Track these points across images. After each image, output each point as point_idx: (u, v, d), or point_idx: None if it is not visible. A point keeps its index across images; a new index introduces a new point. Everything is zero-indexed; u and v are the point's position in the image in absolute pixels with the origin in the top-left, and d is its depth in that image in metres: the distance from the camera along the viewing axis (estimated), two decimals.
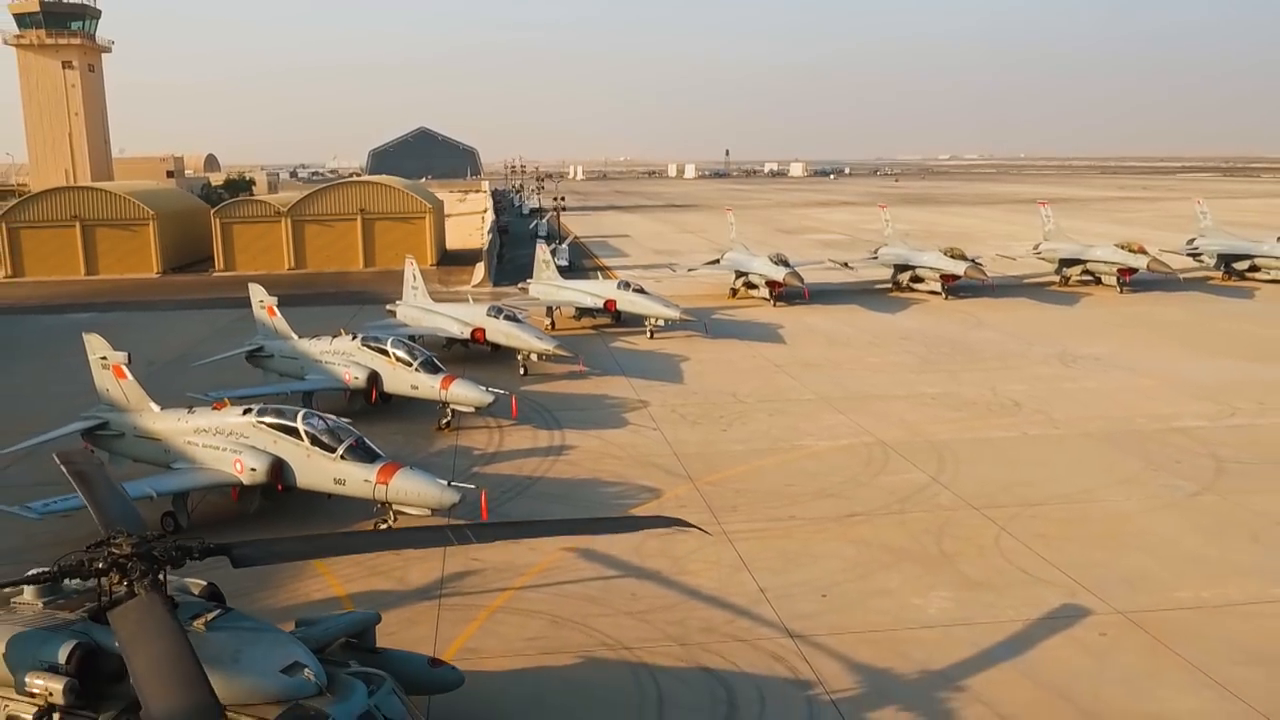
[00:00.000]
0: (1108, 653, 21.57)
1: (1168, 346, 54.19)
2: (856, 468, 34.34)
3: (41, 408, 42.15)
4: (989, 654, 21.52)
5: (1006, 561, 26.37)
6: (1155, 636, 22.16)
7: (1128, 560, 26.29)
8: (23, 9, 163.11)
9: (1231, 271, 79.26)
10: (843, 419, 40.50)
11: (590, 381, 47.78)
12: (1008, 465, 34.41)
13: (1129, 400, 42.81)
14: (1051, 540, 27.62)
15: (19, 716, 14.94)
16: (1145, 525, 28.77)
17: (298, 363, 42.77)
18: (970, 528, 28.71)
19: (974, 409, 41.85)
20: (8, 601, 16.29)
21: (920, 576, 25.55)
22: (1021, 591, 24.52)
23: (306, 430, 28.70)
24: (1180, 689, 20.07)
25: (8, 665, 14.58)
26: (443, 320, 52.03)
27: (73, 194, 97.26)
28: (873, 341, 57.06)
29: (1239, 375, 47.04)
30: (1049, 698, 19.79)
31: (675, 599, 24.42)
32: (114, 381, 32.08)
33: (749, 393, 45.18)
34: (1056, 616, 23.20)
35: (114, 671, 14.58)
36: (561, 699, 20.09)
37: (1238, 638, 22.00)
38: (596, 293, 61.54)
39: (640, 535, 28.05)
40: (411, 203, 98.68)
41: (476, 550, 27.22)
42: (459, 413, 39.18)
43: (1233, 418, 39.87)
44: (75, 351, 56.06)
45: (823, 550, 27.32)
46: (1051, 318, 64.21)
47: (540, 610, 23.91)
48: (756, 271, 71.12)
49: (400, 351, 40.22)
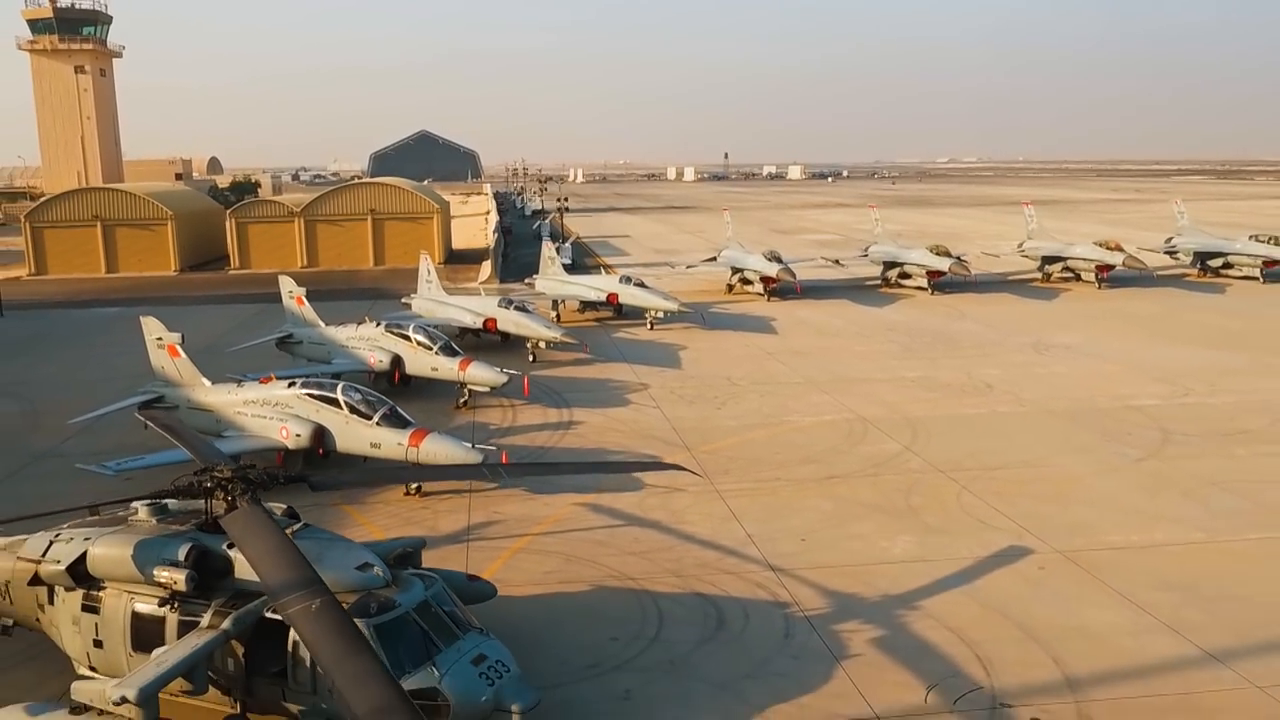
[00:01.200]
0: (1044, 581, 25.15)
1: (1136, 336, 57.75)
2: (837, 439, 37.91)
3: (84, 392, 45.50)
4: (942, 582, 25.08)
5: (964, 513, 29.96)
6: (1085, 569, 25.74)
7: (1071, 512, 29.86)
8: (36, 15, 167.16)
9: (1206, 268, 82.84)
10: (827, 399, 44.08)
11: (594, 367, 51.34)
12: (975, 437, 37.99)
13: (1093, 383, 46.38)
14: (1006, 497, 31.20)
15: (143, 608, 18.46)
16: (1091, 485, 32.36)
17: (325, 348, 46.30)
18: (935, 487, 32.29)
19: (949, 390, 45.42)
20: (125, 520, 19.81)
21: (888, 525, 29.12)
22: (975, 536, 28.09)
23: (345, 400, 32.27)
24: (1101, 608, 23.63)
25: (136, 563, 18.09)
26: (456, 311, 55.62)
27: (94, 195, 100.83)
28: (860, 332, 60.63)
29: (1198, 362, 50.57)
30: (990, 614, 23.35)
31: (673, 542, 27.98)
32: (168, 360, 35.64)
33: (742, 376, 48.75)
34: (1003, 555, 26.77)
35: (221, 568, 18.13)
36: (577, 618, 23.63)
37: (1156, 570, 25.57)
38: (600, 287, 65.12)
39: (643, 492, 31.69)
40: (420, 203, 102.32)
41: (497, 504, 30.81)
42: (475, 392, 42.73)
43: (1186, 397, 43.44)
44: (107, 342, 60.42)
45: (804, 505, 30.88)
46: (1030, 311, 67.80)
47: (555, 551, 27.48)
48: (751, 268, 74.69)
49: (421, 336, 43.79)
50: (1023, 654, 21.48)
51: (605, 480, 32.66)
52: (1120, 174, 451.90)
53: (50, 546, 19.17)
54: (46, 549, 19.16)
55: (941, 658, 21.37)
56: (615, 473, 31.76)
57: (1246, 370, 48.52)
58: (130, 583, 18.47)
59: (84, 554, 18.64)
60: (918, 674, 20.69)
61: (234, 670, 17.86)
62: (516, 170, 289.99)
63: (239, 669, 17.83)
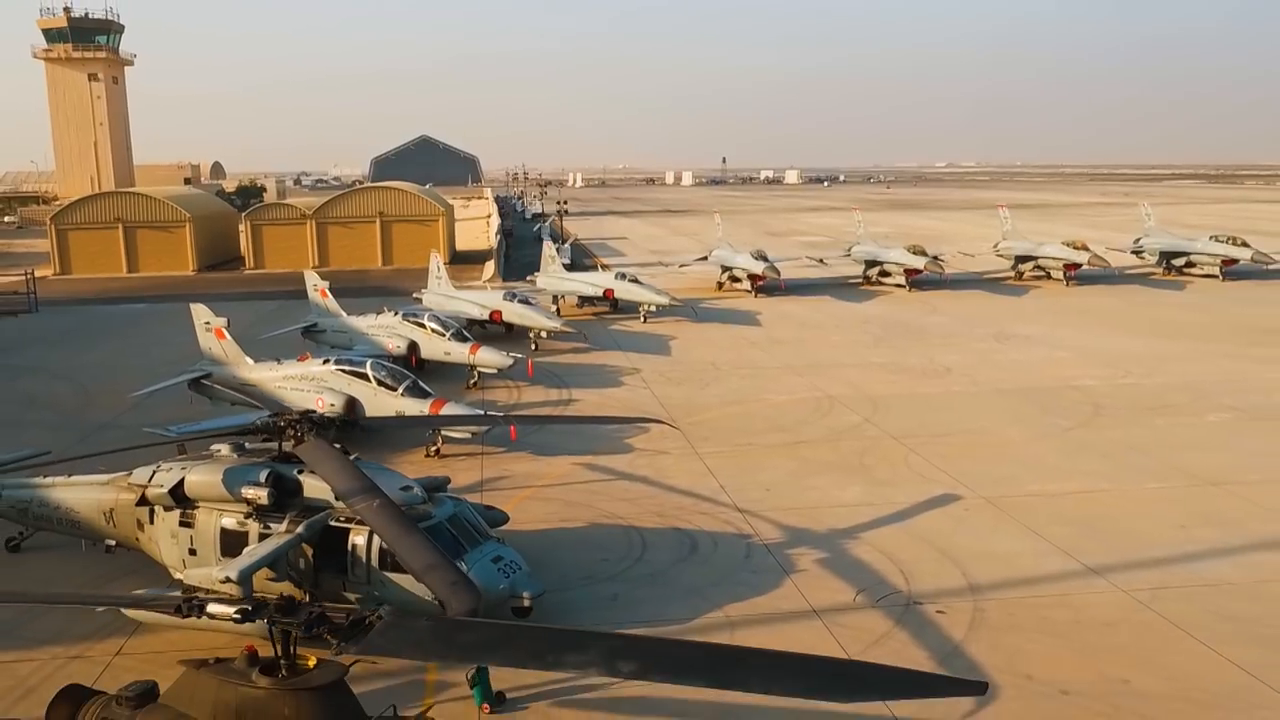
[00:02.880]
0: (966, 519, 29.98)
1: (1092, 328, 62.57)
2: (806, 413, 42.73)
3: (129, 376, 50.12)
4: (881, 520, 29.88)
5: (909, 469, 34.78)
6: (1003, 510, 30.56)
7: (1000, 468, 34.69)
8: (51, 24, 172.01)
9: (1171, 267, 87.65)
10: (801, 380, 48.90)
11: (592, 355, 56.15)
12: (928, 411, 42.82)
13: (1043, 367, 51.22)
14: (947, 457, 36.00)
15: (229, 522, 23.21)
16: (1022, 448, 37.20)
17: (347, 336, 51.06)
18: (886, 450, 37.12)
19: (911, 374, 50.25)
20: (210, 456, 24.60)
21: (842, 479, 33.95)
22: (915, 486, 32.91)
23: (374, 374, 37.07)
24: (1009, 538, 28.45)
25: (225, 485, 22.85)
26: (464, 305, 60.39)
27: (115, 198, 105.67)
28: (838, 325, 65.49)
29: (1144, 349, 55.38)
30: (917, 542, 28.15)
31: (657, 492, 32.80)
32: (215, 341, 40.45)
33: (726, 362, 53.59)
34: (936, 500, 31.58)
35: (292, 489, 22.89)
36: (574, 545, 28.43)
37: (1061, 511, 30.38)
38: (597, 283, 69.99)
39: (632, 454, 36.56)
40: (426, 206, 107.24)
41: (506, 464, 35.62)
42: (484, 374, 47.52)
43: (1123, 379, 48.27)
44: (140, 334, 65.34)
45: (771, 464, 35.69)
46: (999, 306, 72.64)
47: (556, 499, 32.29)
48: (739, 266, 79.57)
49: (435, 324, 48.61)
50: (938, 570, 26.28)
51: (599, 444, 37.52)
52: (1114, 178, 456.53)
53: (154, 475, 23.96)
54: (151, 476, 23.96)
55: (872, 572, 26.17)
56: (603, 424, 36.96)
57: (1184, 356, 53.34)
58: (219, 502, 23.25)
59: (182, 480, 23.43)
60: (850, 582, 25.48)
61: (305, 567, 22.62)
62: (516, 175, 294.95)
63: (309, 566, 22.59)
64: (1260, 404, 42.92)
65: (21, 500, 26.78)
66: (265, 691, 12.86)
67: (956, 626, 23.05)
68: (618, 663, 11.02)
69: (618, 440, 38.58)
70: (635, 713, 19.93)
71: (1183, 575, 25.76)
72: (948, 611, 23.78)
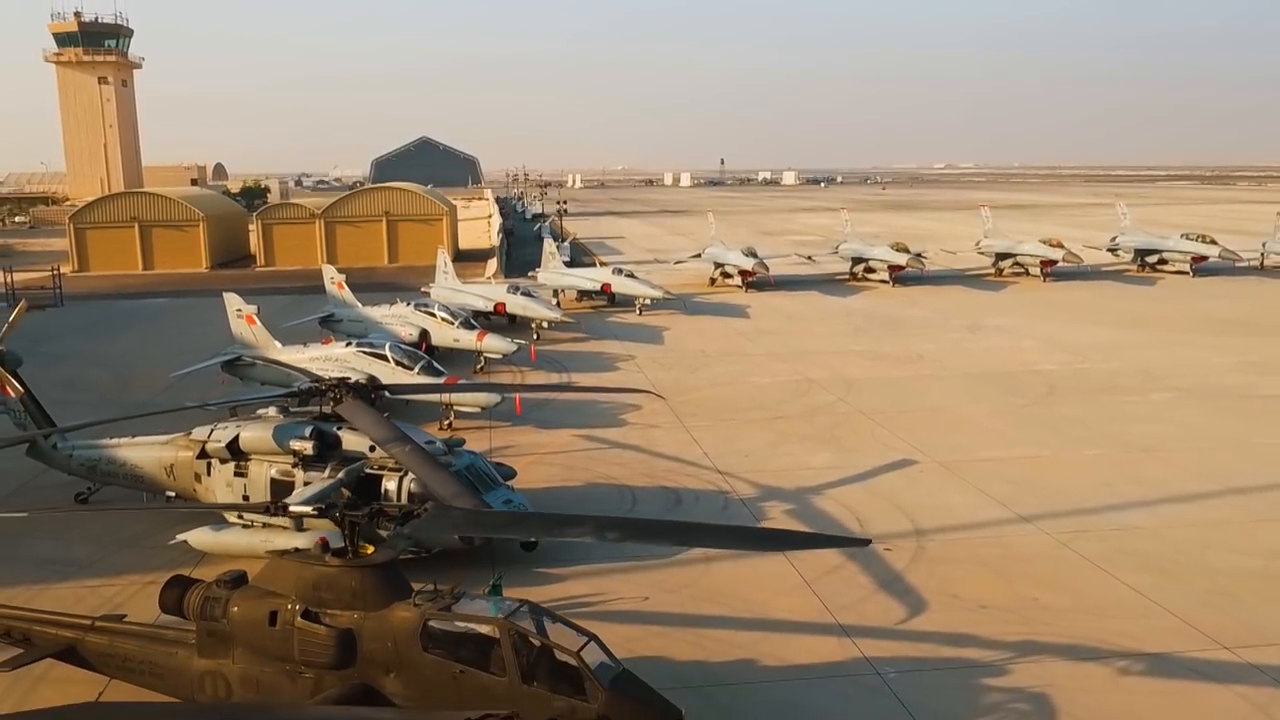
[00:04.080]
0: (919, 479, 33.94)
1: (1061, 320, 66.52)
2: (786, 394, 46.67)
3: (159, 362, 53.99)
4: (845, 479, 33.81)
5: (874, 440, 38.74)
6: (953, 472, 34.51)
7: (956, 438, 38.64)
8: (62, 28, 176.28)
9: (1144, 264, 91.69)
10: (783, 365, 52.86)
11: (590, 343, 60.12)
12: (898, 392, 46.77)
13: (1009, 354, 55.19)
14: (910, 430, 39.94)
15: (278, 472, 27.09)
16: (979, 422, 41.16)
17: (362, 325, 54.91)
18: (856, 424, 41.08)
19: (886, 360, 54.21)
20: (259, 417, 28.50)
21: (814, 447, 37.91)
22: (878, 453, 36.86)
23: (393, 356, 41.00)
24: (955, 493, 32.40)
25: (275, 439, 26.73)
26: (470, 298, 64.29)
27: (131, 198, 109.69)
28: (822, 317, 69.46)
29: (1105, 339, 59.34)
30: (873, 496, 32.09)
31: (647, 458, 36.74)
32: (246, 327, 44.36)
33: (715, 350, 57.56)
34: (895, 464, 35.53)
35: (333, 442, 26.81)
36: (573, 500, 32.30)
37: (1004, 473, 34.32)
38: (595, 278, 74.01)
39: (625, 427, 40.52)
40: (430, 206, 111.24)
41: (513, 436, 39.55)
42: (490, 359, 51.42)
43: (1082, 364, 52.23)
44: (163, 325, 69.34)
45: (750, 435, 39.64)
46: (977, 300, 76.62)
47: (558, 464, 36.21)
48: (731, 263, 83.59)
49: (444, 314, 52.57)
50: (889, 517, 30.22)
51: (596, 419, 41.49)
52: (1109, 180, 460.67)
53: (212, 432, 27.89)
54: (210, 434, 27.88)
55: (832, 519, 30.10)
56: (598, 393, 41.26)
57: (1142, 345, 57.30)
58: (270, 454, 27.16)
59: (237, 436, 27.35)
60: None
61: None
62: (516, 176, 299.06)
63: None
64: (1201, 385, 46.90)
65: (90, 459, 30.73)
66: (336, 569, 16.81)
67: (900, 560, 26.98)
68: (606, 532, 14.94)
69: (612, 416, 42.51)
70: (629, 622, 23.77)
71: (1100, 522, 29.70)
72: (894, 549, 27.69)
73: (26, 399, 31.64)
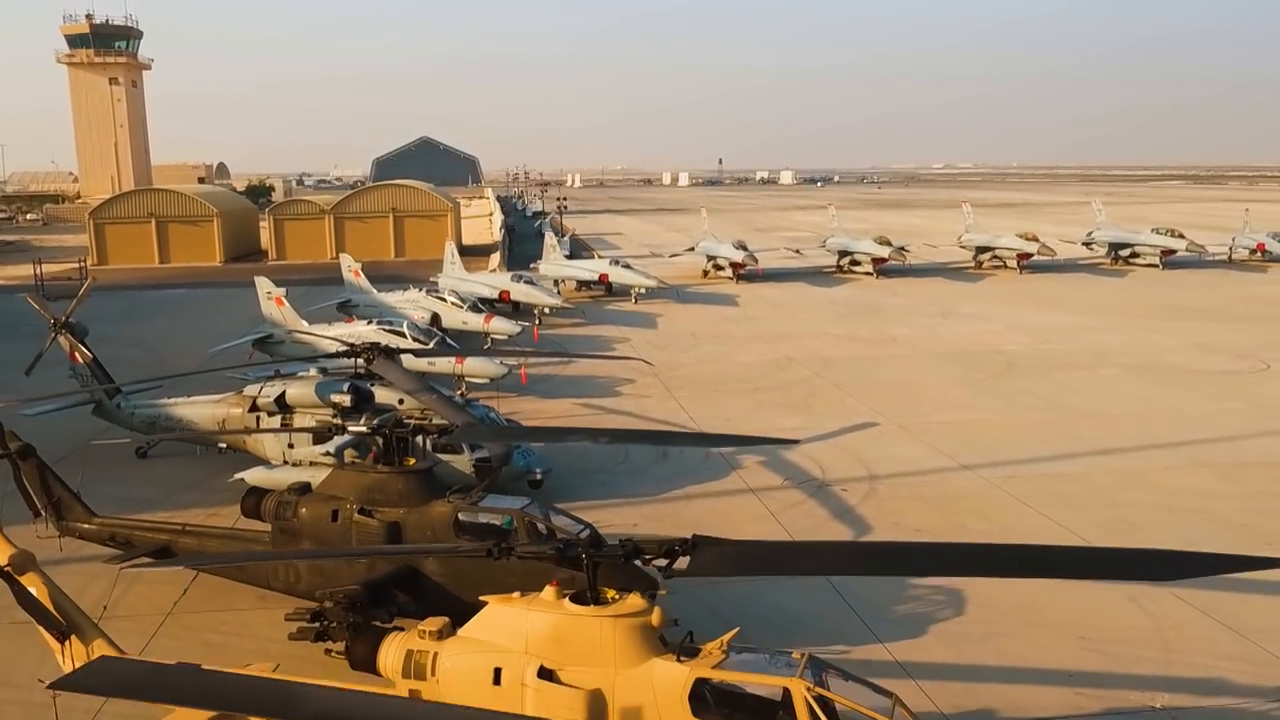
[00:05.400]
0: (879, 437, 38.41)
1: (1030, 307, 70.99)
2: (767, 370, 51.12)
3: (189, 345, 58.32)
4: (815, 437, 38.20)
5: (842, 407, 43.20)
6: (910, 431, 38.96)
7: (916, 405, 43.12)
8: (74, 30, 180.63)
9: (1117, 257, 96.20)
10: (766, 346, 57.33)
11: (588, 328, 64.60)
12: (869, 368, 51.23)
13: (976, 337, 59.66)
14: (876, 398, 44.39)
15: (318, 423, 31.49)
16: (939, 392, 45.63)
17: (377, 309, 59.20)
18: (828, 394, 45.56)
19: (861, 341, 58.70)
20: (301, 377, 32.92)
21: (788, 412, 42.39)
22: (845, 416, 41.33)
23: (410, 333, 45.45)
24: (909, 448, 36.86)
25: (318, 394, 31.17)
26: (476, 286, 68.74)
27: (148, 195, 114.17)
28: (806, 305, 73.94)
29: (1068, 323, 63.79)
30: (837, 450, 36.54)
31: (639, 420, 41.19)
32: (275, 308, 48.79)
33: (703, 333, 62.06)
34: (859, 425, 39.99)
35: (367, 397, 31.25)
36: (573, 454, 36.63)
37: (955, 433, 38.75)
38: (593, 269, 78.50)
39: (620, 397, 44.94)
40: (436, 203, 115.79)
41: (518, 404, 43.90)
42: (496, 340, 55.83)
43: (1042, 345, 56.70)
44: (187, 313, 73.72)
45: (732, 404, 44.10)
46: (953, 290, 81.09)
47: (559, 425, 40.59)
48: (723, 255, 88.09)
49: (454, 298, 57.02)
50: (848, 466, 34.69)
51: (593, 390, 45.96)
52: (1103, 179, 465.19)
53: (262, 389, 32.34)
54: (260, 391, 32.33)
55: (798, 468, 34.53)
56: (593, 358, 46.60)
57: (1101, 329, 61.75)
58: (312, 408, 31.60)
59: (284, 391, 31.80)
60: (780, 474, 33.83)
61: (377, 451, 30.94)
62: (516, 176, 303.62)
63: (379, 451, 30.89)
64: (1146, 362, 51.37)
65: (150, 416, 35.21)
66: (385, 475, 21.27)
67: (854, 498, 31.45)
68: (600, 438, 19.32)
69: (608, 387, 46.95)
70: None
71: (1031, 470, 34.15)
72: (849, 490, 32.15)
73: (93, 365, 36.12)
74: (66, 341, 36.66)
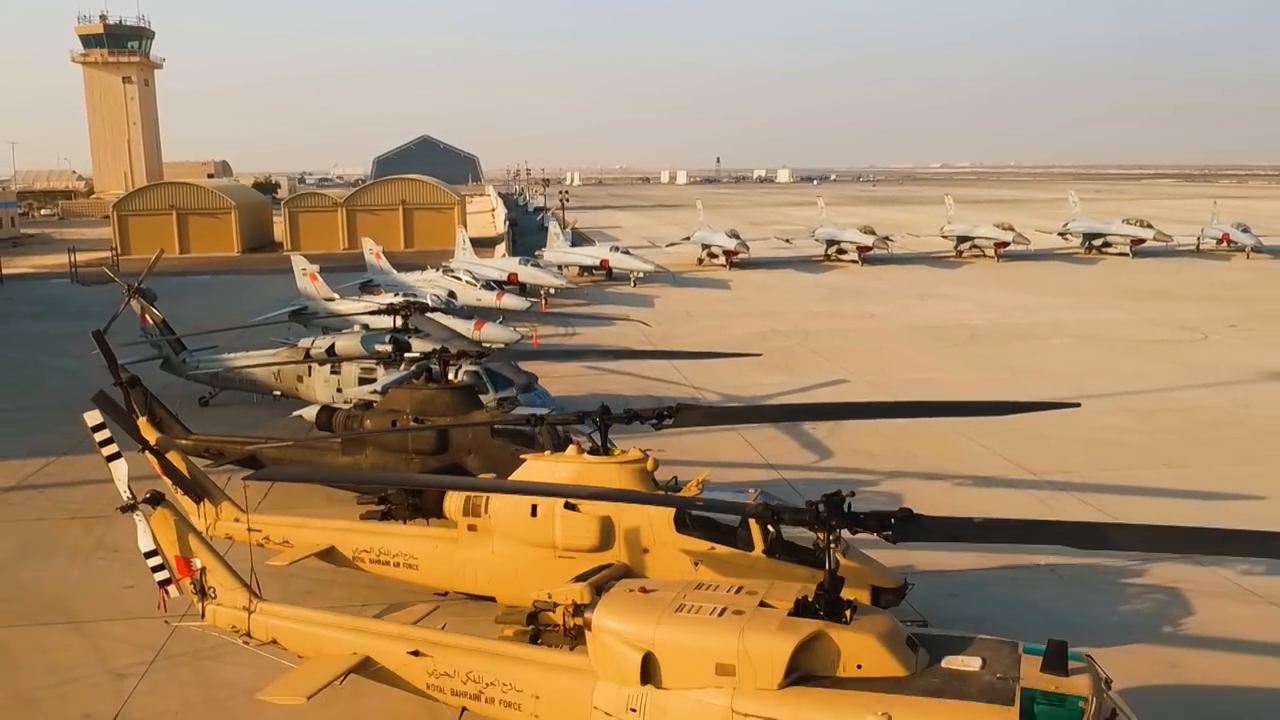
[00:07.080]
0: (848, 390, 43.80)
1: (1000, 289, 76.39)
2: (753, 340, 56.38)
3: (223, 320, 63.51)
4: (790, 390, 43.62)
5: (818, 368, 48.60)
6: (876, 386, 44.34)
7: (887, 367, 48.51)
8: (88, 30, 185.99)
9: (1091, 246, 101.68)
10: (754, 321, 62.72)
11: (590, 307, 69.89)
12: (847, 338, 56.63)
13: (947, 313, 65.04)
14: (849, 361, 49.79)
15: (363, 370, 36.77)
16: (907, 357, 51.02)
17: (398, 289, 64.55)
18: (807, 357, 50.97)
19: (842, 317, 64.11)
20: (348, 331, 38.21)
21: (770, 371, 47.75)
22: (818, 376, 46.72)
23: (433, 304, 50.74)
24: (874, 398, 42.12)
25: (363, 345, 36.49)
26: (486, 269, 74.12)
27: (169, 188, 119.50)
28: (794, 288, 79.35)
29: (1033, 302, 69.18)
30: (809, 399, 41.87)
31: (637, 379, 46.50)
32: (309, 283, 54.15)
33: (697, 311, 67.47)
34: (831, 382, 45.37)
35: (405, 347, 36.52)
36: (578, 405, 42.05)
37: (912, 386, 44.12)
38: (594, 255, 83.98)
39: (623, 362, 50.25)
40: (443, 196, 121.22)
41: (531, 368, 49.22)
42: (508, 314, 61.17)
43: (1006, 320, 62.08)
44: (216, 295, 78.90)
45: (721, 366, 49.42)
46: (934, 276, 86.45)
47: (567, 383, 45.71)
48: (716, 244, 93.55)
49: (467, 277, 62.39)
50: None
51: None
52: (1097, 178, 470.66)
53: (314, 341, 37.66)
54: (313, 343, 37.64)
55: None
56: (597, 325, 51.49)
57: (1063, 307, 67.15)
58: (358, 358, 36.95)
59: (334, 344, 37.13)
60: None
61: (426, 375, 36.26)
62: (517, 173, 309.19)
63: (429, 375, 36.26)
64: (1096, 334, 56.75)
65: (212, 369, 40.52)
66: (435, 390, 26.62)
67: (820, 434, 36.78)
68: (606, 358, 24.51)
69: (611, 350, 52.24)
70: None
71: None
72: (817, 428, 37.51)
73: (162, 325, 41.43)
74: (138, 305, 41.92)
